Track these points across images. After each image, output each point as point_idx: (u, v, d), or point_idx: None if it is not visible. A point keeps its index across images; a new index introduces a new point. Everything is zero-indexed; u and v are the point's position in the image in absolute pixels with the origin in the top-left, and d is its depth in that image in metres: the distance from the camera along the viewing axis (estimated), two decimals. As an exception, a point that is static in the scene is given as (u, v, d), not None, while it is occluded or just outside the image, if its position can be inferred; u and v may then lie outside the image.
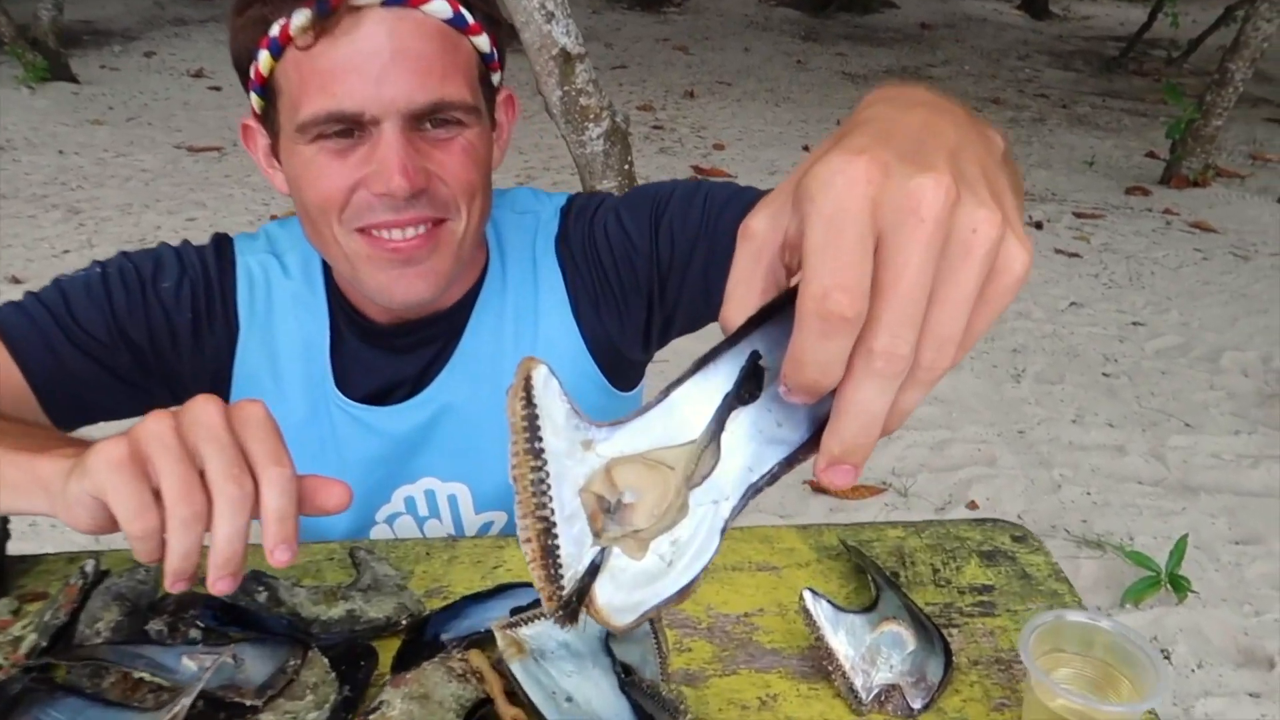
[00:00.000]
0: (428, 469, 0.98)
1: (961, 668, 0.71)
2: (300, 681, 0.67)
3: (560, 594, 0.41)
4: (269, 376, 0.94)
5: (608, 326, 0.96)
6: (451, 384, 0.95)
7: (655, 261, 0.92)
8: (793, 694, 0.70)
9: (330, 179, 0.81)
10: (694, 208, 0.90)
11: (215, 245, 0.95)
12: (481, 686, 0.64)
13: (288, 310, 0.95)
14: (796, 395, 0.38)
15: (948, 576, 0.81)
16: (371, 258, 0.83)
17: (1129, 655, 0.60)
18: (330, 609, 0.74)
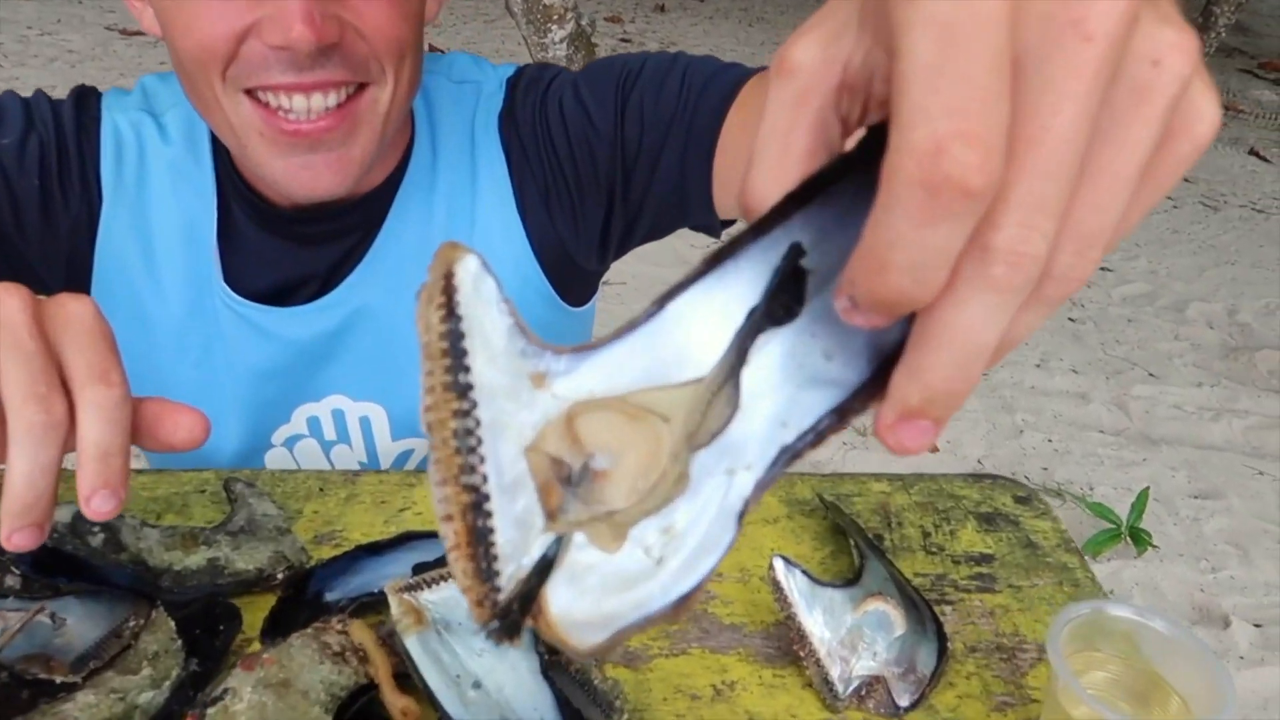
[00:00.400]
0: (336, 385, 0.83)
1: (957, 656, 0.59)
2: (138, 650, 0.53)
3: (495, 598, 0.27)
4: (141, 264, 0.78)
5: (559, 226, 0.81)
6: (367, 284, 0.79)
7: (620, 148, 0.76)
8: (754, 682, 0.57)
9: (210, 22, 0.63)
10: (669, 84, 0.73)
11: (76, 99, 0.77)
12: (364, 668, 0.51)
13: (165, 184, 0.77)
14: (866, 314, 0.24)
15: (940, 542, 0.68)
16: (265, 136, 0.66)
17: (1184, 665, 0.48)
18: (187, 556, 0.59)
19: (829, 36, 0.26)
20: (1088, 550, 2.13)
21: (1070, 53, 0.22)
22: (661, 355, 0.27)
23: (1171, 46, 0.23)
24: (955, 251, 0.22)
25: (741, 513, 0.28)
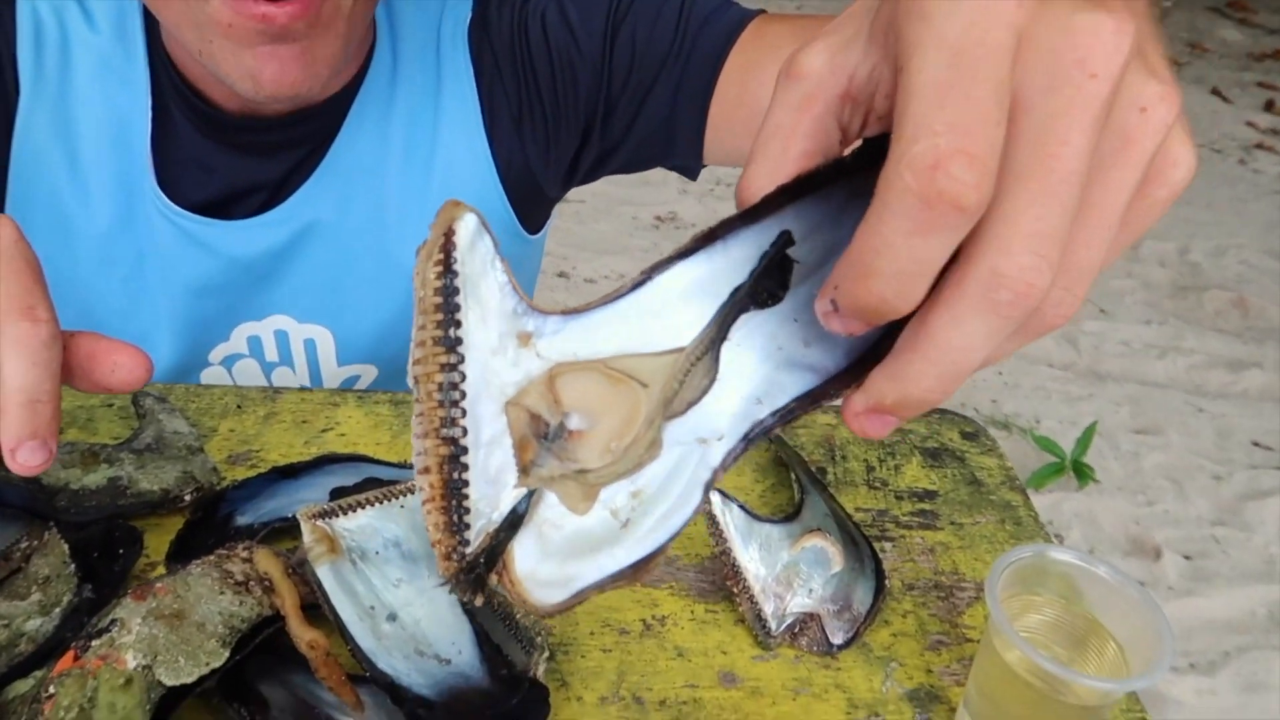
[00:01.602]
0: (280, 305, 0.78)
1: (894, 593, 0.58)
2: (28, 574, 0.50)
3: (461, 552, 0.28)
4: (64, 166, 0.71)
5: (528, 150, 0.76)
6: (316, 198, 0.74)
7: (606, 78, 0.71)
8: (685, 617, 0.55)
9: None
10: (665, 16, 0.69)
11: None
12: (269, 599, 0.48)
13: (92, 78, 0.70)
14: (845, 319, 0.26)
15: (884, 477, 0.66)
16: (234, 28, 0.59)
17: (1125, 612, 0.47)
18: (86, 474, 0.55)
19: (838, 46, 0.27)
20: (1031, 484, 2.17)
21: (1076, 87, 0.23)
22: (646, 324, 0.28)
23: (1158, 97, 0.24)
24: (939, 265, 0.23)
25: (709, 482, 0.29)
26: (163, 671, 0.41)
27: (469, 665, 0.47)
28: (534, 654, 0.48)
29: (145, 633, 0.42)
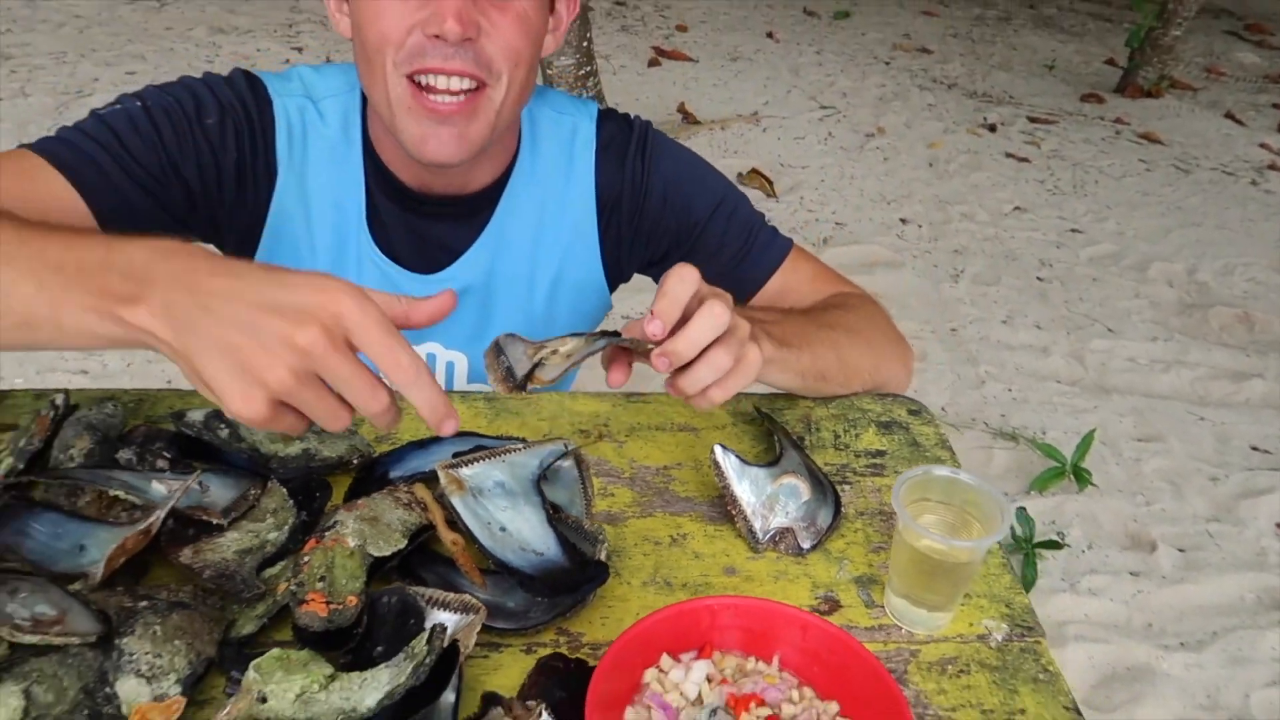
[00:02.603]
0: (434, 335, 1.02)
1: (849, 517, 0.81)
2: (261, 507, 0.75)
3: (513, 382, 0.66)
4: (301, 223, 0.96)
5: (622, 245, 1.03)
6: (475, 260, 1.00)
7: (691, 243, 1.01)
8: (700, 533, 0.79)
9: (391, 17, 0.83)
10: (737, 225, 1.03)
11: (248, 83, 0.95)
12: (425, 514, 0.73)
13: (323, 160, 0.96)
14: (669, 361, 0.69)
15: (847, 442, 0.90)
16: (413, 109, 0.85)
17: (982, 503, 0.70)
18: (287, 447, 0.81)
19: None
20: (1034, 486, 2.36)
21: (720, 303, 0.65)
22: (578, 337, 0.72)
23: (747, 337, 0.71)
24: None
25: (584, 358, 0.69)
26: (370, 547, 0.67)
27: (554, 555, 0.72)
28: (597, 547, 0.72)
29: (356, 527, 0.67)
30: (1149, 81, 5.62)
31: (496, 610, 0.69)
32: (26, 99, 3.86)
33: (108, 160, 0.83)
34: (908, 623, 0.72)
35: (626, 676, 0.62)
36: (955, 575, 0.69)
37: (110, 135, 0.84)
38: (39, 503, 0.74)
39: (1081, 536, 2.25)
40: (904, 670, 0.69)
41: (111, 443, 0.79)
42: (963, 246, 3.66)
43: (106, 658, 0.60)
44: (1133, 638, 1.97)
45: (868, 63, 5.61)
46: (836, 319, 0.94)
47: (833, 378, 0.91)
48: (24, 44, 4.37)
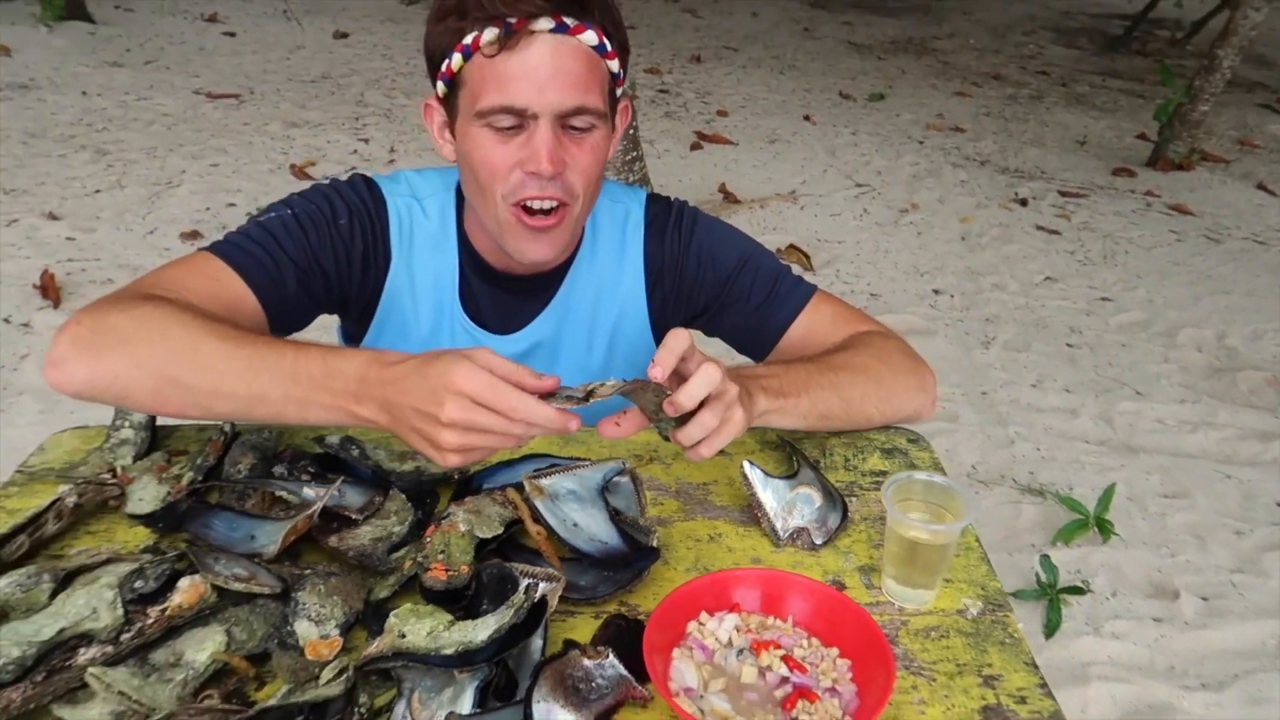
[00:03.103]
0: None
1: (854, 521, 1.00)
2: (386, 508, 0.96)
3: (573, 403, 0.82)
4: (409, 298, 1.18)
5: (667, 306, 1.24)
6: (546, 325, 1.22)
7: (722, 295, 1.22)
8: (732, 533, 0.98)
9: (498, 156, 1.04)
10: (764, 275, 1.22)
11: (367, 187, 1.16)
12: (516, 511, 0.93)
13: (426, 247, 1.18)
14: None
15: (855, 464, 1.09)
16: (516, 228, 1.08)
17: (955, 499, 0.88)
18: (402, 465, 1.02)
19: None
20: (1059, 538, 2.48)
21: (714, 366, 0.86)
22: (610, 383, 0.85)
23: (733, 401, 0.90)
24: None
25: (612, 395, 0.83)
26: (476, 531, 0.87)
27: (616, 544, 0.91)
28: (649, 537, 0.91)
29: (465, 517, 0.88)
30: (1180, 155, 5.78)
31: (571, 586, 0.88)
32: (123, 190, 4.23)
33: (269, 261, 1.05)
34: (899, 599, 0.90)
35: (672, 628, 0.81)
36: (935, 556, 0.87)
37: (271, 239, 1.06)
38: (215, 505, 0.95)
39: (1106, 584, 2.37)
40: (895, 634, 0.87)
41: (269, 460, 1.01)
42: (994, 315, 3.82)
43: (286, 606, 0.80)
44: (1155, 678, 2.08)
45: (902, 142, 5.86)
46: (843, 361, 1.10)
47: (836, 415, 1.07)
48: (119, 140, 4.78)
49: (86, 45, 6.26)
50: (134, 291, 0.94)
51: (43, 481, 1.02)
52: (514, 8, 0.98)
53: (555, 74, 1.00)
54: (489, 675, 0.76)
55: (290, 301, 1.06)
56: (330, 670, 0.75)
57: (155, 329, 0.88)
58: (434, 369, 0.80)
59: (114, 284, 3.41)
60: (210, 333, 0.88)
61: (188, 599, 0.78)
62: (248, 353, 0.86)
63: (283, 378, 0.85)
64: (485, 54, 1.00)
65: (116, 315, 0.89)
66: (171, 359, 0.86)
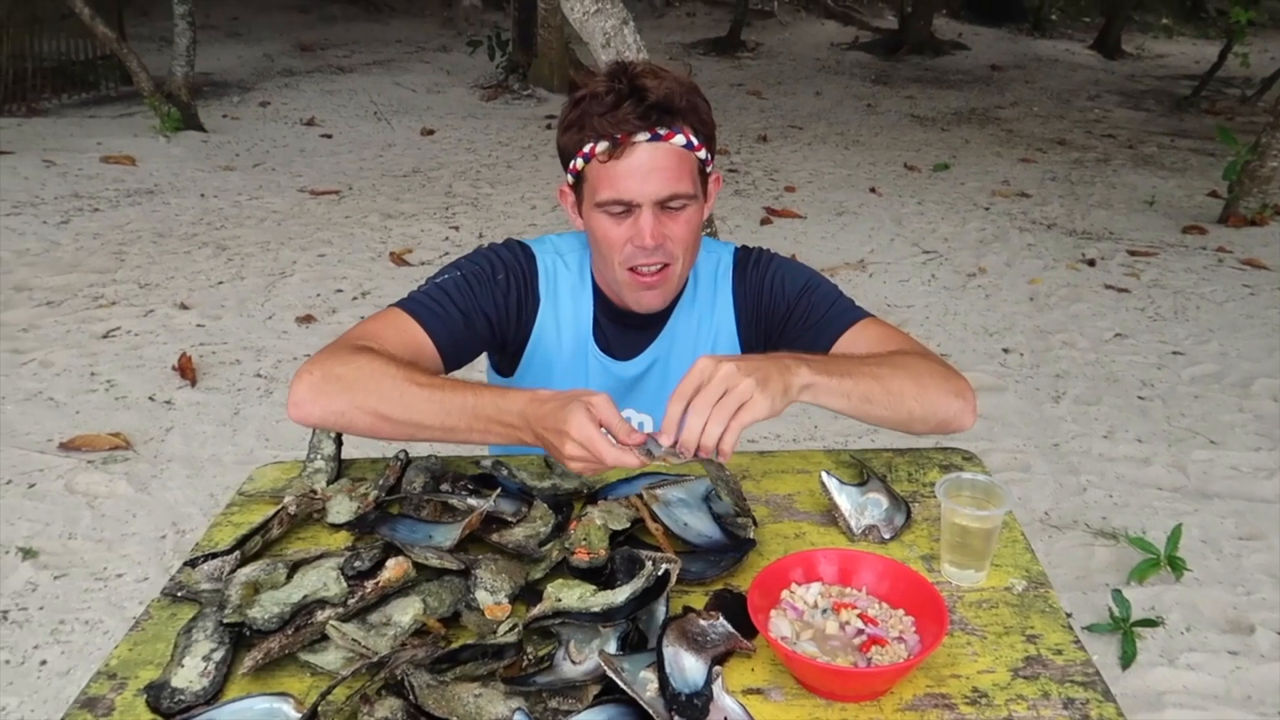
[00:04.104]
0: (632, 404, 1.47)
1: (917, 521, 1.20)
2: (532, 515, 1.19)
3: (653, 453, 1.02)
4: (554, 334, 1.43)
5: (752, 331, 1.47)
6: (658, 350, 1.46)
7: (787, 315, 1.43)
8: (813, 532, 1.19)
9: (614, 235, 1.31)
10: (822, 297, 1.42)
11: (520, 248, 1.43)
12: (638, 513, 1.15)
13: (567, 293, 1.44)
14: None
15: (917, 477, 1.29)
16: (631, 285, 1.35)
17: (994, 491, 1.08)
18: (542, 482, 1.26)
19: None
20: (1133, 576, 2.58)
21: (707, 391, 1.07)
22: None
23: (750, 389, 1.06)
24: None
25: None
26: (610, 524, 1.09)
27: (719, 537, 1.13)
28: (747, 530, 1.13)
29: (600, 514, 1.10)
30: (1251, 210, 5.82)
31: (684, 571, 1.09)
32: (243, 280, 4.66)
33: (443, 314, 1.32)
34: (956, 579, 1.09)
35: (769, 595, 1.01)
36: (982, 540, 1.06)
37: (445, 296, 1.32)
38: (398, 514, 1.20)
39: (1180, 620, 2.45)
40: (953, 605, 1.05)
41: (436, 479, 1.26)
42: (1064, 371, 3.94)
43: (466, 581, 1.04)
44: (1231, 706, 2.16)
45: (967, 209, 6.03)
46: (883, 359, 1.25)
47: (878, 400, 1.20)
48: (235, 237, 5.24)
49: (201, 152, 6.85)
50: (348, 344, 1.22)
51: (257, 502, 1.28)
52: (618, 128, 1.25)
53: (652, 173, 1.27)
54: (626, 630, 0.97)
55: (460, 345, 1.33)
56: (504, 627, 0.98)
57: (369, 379, 1.16)
58: (563, 415, 1.06)
59: (240, 364, 3.79)
60: (409, 380, 1.15)
61: (395, 574, 1.02)
62: (439, 397, 1.14)
63: (466, 416, 1.13)
64: (599, 160, 1.28)
65: (340, 367, 1.17)
66: (382, 403, 1.15)
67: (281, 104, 8.43)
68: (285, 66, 9.99)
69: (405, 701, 0.87)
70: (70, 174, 6.11)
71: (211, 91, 8.65)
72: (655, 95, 1.26)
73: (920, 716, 0.90)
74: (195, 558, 1.10)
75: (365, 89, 9.10)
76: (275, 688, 0.94)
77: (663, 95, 1.26)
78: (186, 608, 1.07)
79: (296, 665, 0.97)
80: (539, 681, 0.91)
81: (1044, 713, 0.91)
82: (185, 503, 2.84)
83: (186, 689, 0.93)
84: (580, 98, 1.30)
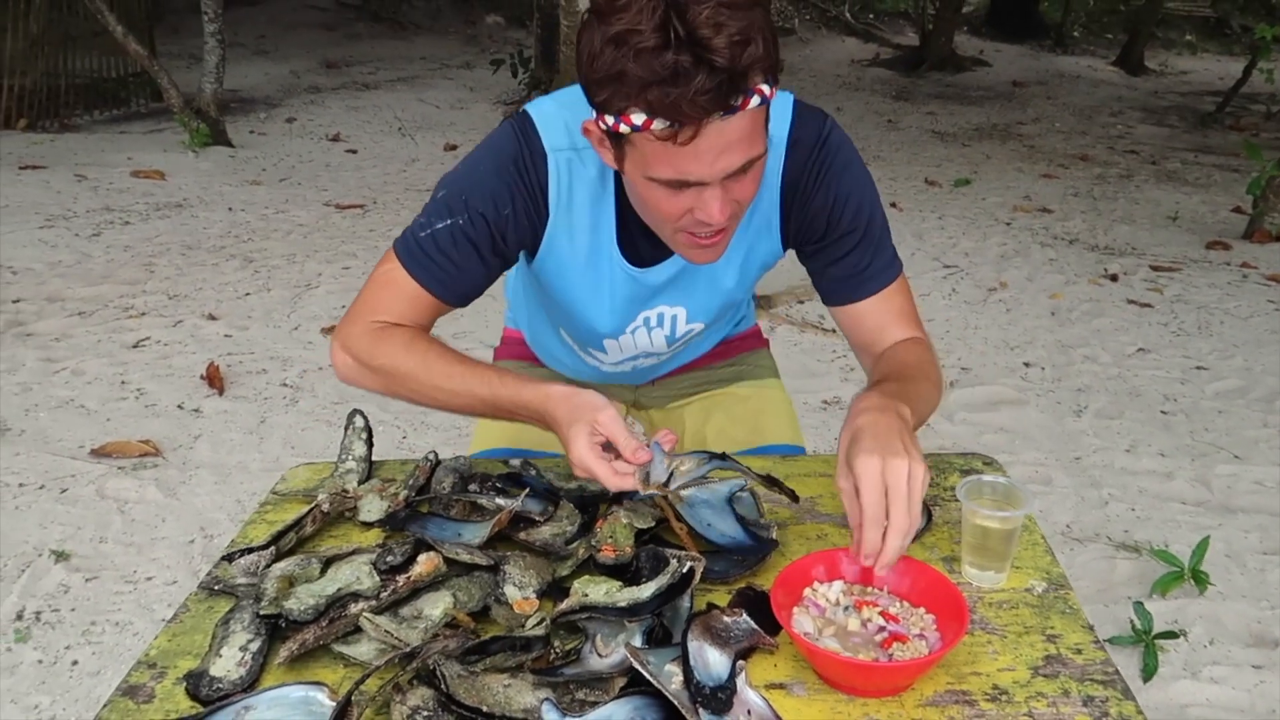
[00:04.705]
0: (663, 301, 1.35)
1: (938, 524, 1.21)
2: (559, 514, 1.21)
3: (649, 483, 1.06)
4: (566, 244, 1.27)
5: (792, 223, 1.29)
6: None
7: (834, 242, 1.30)
8: (835, 533, 1.21)
9: (671, 206, 1.09)
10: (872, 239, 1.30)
11: (530, 153, 1.20)
12: (663, 513, 1.17)
13: (585, 198, 1.23)
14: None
15: (938, 482, 1.31)
16: (684, 245, 1.16)
17: (1014, 493, 1.09)
18: (569, 484, 1.28)
19: (842, 474, 1.08)
20: (1156, 589, 2.57)
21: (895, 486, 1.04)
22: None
23: (918, 469, 1.03)
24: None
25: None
26: (634, 523, 1.11)
27: (742, 538, 1.15)
28: (769, 531, 1.15)
29: (624, 515, 1.13)
30: (1276, 226, 5.78)
31: (708, 570, 1.11)
32: (269, 292, 4.72)
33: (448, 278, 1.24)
34: (977, 581, 1.10)
35: (792, 593, 1.03)
36: (1002, 541, 1.07)
37: (446, 259, 1.23)
38: (428, 513, 1.22)
39: (1203, 633, 2.44)
40: (974, 606, 1.07)
41: (464, 480, 1.28)
42: (1086, 385, 3.92)
43: (495, 576, 1.06)
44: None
45: (989, 225, 6.03)
46: (916, 374, 1.23)
47: (921, 423, 1.20)
48: (262, 250, 5.32)
49: (229, 167, 6.96)
50: (368, 318, 1.27)
51: (291, 501, 1.32)
52: (680, 112, 0.97)
53: (725, 150, 1.02)
54: (651, 625, 0.99)
55: (469, 292, 1.28)
56: (532, 621, 1.00)
57: (400, 365, 1.23)
58: (568, 434, 1.11)
59: (267, 374, 3.85)
60: (431, 367, 1.22)
61: (426, 569, 1.04)
62: (456, 385, 1.21)
63: (488, 406, 1.20)
64: (655, 136, 1.00)
65: (368, 358, 1.25)
66: (411, 386, 1.24)
67: (308, 120, 8.54)
68: (311, 83, 10.11)
69: (436, 691, 0.90)
70: (101, 188, 6.22)
71: (239, 108, 8.77)
72: (724, 57, 0.95)
73: (941, 712, 0.92)
74: (232, 552, 1.13)
75: (389, 105, 9.20)
76: (310, 677, 0.96)
77: (733, 54, 0.95)
78: (223, 601, 1.10)
79: (330, 656, 1.00)
80: (566, 673, 0.93)
81: (1064, 710, 0.92)
82: (213, 508, 2.88)
83: (224, 678, 0.96)
84: (618, 36, 0.96)
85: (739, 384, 1.65)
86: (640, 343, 1.43)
